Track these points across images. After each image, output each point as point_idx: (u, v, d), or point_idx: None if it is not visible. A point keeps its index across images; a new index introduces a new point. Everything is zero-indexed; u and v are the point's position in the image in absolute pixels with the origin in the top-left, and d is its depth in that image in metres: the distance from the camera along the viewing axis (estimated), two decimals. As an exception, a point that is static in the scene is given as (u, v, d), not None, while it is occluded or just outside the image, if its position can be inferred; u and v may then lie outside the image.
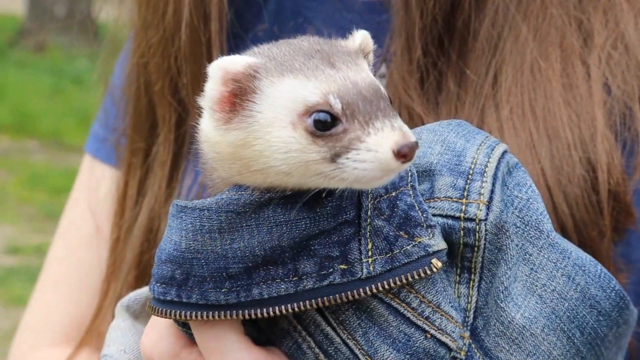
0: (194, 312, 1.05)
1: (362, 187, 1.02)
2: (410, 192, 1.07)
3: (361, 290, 1.03)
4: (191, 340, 1.11)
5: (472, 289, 1.10)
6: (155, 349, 1.12)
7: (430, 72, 1.32)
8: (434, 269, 1.04)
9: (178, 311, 1.06)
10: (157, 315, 1.08)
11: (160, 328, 1.12)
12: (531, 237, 1.11)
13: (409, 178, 1.08)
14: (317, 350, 1.07)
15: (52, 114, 8.35)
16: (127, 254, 1.47)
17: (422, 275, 1.04)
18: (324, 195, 1.03)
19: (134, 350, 1.20)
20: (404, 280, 1.04)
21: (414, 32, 1.30)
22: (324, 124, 1.00)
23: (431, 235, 1.06)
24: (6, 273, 5.62)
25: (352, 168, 0.99)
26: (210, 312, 1.05)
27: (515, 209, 1.11)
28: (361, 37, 1.06)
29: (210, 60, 1.41)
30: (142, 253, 1.45)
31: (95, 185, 1.57)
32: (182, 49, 1.40)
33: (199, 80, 1.41)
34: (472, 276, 1.10)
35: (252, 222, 1.03)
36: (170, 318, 1.07)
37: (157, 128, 1.47)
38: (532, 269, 1.11)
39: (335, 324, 1.06)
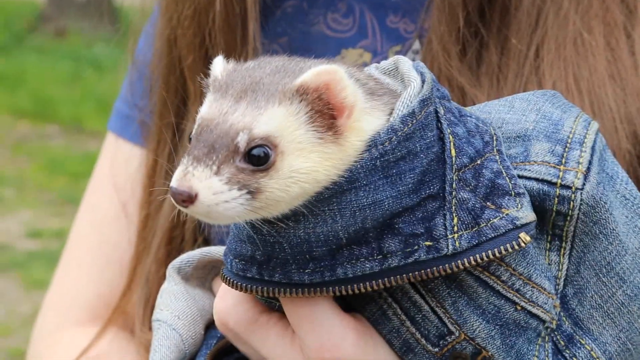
0: (277, 289, 1.03)
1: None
2: (497, 158, 1.05)
3: (447, 266, 1.01)
4: (269, 306, 1.09)
5: (563, 256, 1.07)
6: (232, 315, 1.10)
7: (471, 43, 1.29)
8: (522, 244, 1.01)
9: (260, 287, 1.04)
10: (236, 289, 1.06)
11: (236, 293, 1.09)
12: (632, 207, 1.08)
13: (495, 142, 1.05)
14: (403, 317, 1.05)
15: (72, 100, 8.36)
16: (156, 231, 1.45)
17: (510, 250, 1.01)
18: (403, 169, 1.00)
19: (187, 316, 1.18)
20: (491, 256, 1.01)
21: (456, 1, 1.27)
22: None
23: (519, 205, 1.03)
24: (27, 257, 5.64)
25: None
26: (294, 290, 1.03)
27: (622, 181, 1.09)
28: (306, 77, 1.01)
29: (245, 32, 1.39)
30: (172, 229, 1.44)
31: (120, 163, 1.55)
32: (216, 20, 1.38)
33: (232, 53, 1.39)
34: (564, 244, 1.07)
35: (335, 207, 1.00)
36: (251, 293, 1.05)
37: (188, 103, 1.45)
38: None
39: (423, 292, 1.04)
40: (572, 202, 1.05)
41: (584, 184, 1.05)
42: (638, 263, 1.08)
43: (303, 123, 1.00)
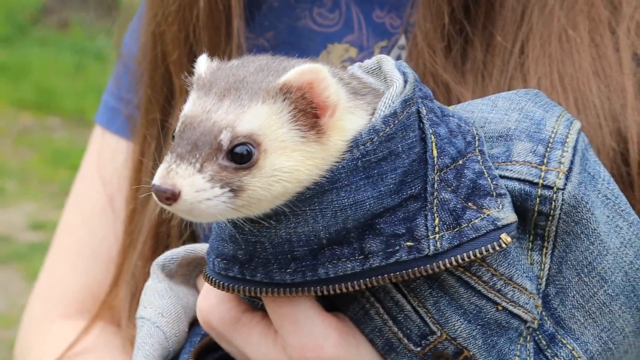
0: (259, 289, 1.03)
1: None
2: (479, 158, 1.05)
3: (428, 266, 1.01)
4: (252, 305, 1.09)
5: (545, 256, 1.07)
6: (215, 314, 1.10)
7: (456, 40, 1.29)
8: (503, 245, 1.01)
9: (242, 287, 1.04)
10: (219, 289, 1.06)
11: (219, 292, 1.09)
12: (622, 210, 1.09)
13: (477, 142, 1.06)
14: (385, 316, 1.05)
15: (75, 92, 8.35)
16: (143, 226, 1.45)
17: (491, 250, 1.01)
18: (384, 169, 1.00)
19: (171, 314, 1.19)
20: (472, 257, 1.01)
21: None
22: None
23: (501, 206, 1.03)
24: (29, 249, 5.64)
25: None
26: (276, 290, 1.03)
27: (604, 181, 1.09)
28: (290, 75, 1.01)
29: (229, 28, 1.39)
30: (159, 224, 1.43)
31: (107, 156, 1.55)
32: (200, 17, 1.38)
33: (217, 51, 1.39)
34: (545, 243, 1.07)
35: (316, 207, 1.00)
36: (233, 292, 1.05)
37: (173, 99, 1.45)
38: (622, 242, 1.08)
39: (405, 292, 1.04)
40: (553, 202, 1.05)
41: (565, 184, 1.05)
42: (619, 262, 1.08)
43: (286, 122, 1.00)
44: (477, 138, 1.06)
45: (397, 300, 1.04)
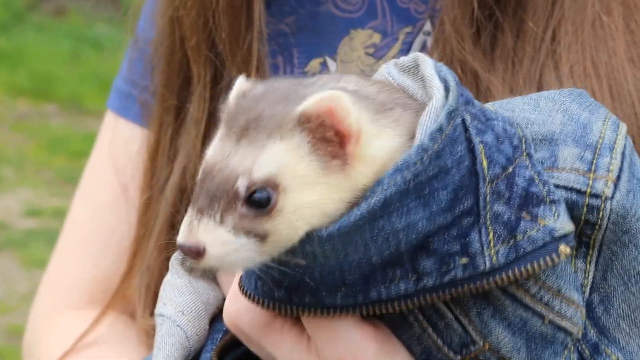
0: (306, 310, 1.00)
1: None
2: (527, 163, 1.00)
3: (485, 282, 0.97)
4: None
5: (590, 264, 1.03)
6: (244, 318, 1.06)
7: (486, 26, 1.25)
8: (562, 257, 0.97)
9: (288, 308, 1.01)
10: (262, 307, 1.02)
11: None
12: None
13: (523, 145, 1.01)
14: (425, 324, 1.01)
15: (72, 79, 8.33)
16: (158, 216, 1.42)
17: (550, 263, 0.97)
18: (435, 188, 0.96)
19: (192, 311, 1.15)
20: (530, 271, 0.97)
21: None
22: None
23: (556, 215, 0.98)
24: (26, 236, 5.63)
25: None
26: (325, 311, 0.99)
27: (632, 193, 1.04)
28: (308, 105, 0.96)
29: (249, 14, 1.36)
30: (175, 214, 1.40)
31: (120, 143, 1.51)
32: (220, 2, 1.34)
33: (237, 37, 1.36)
34: (590, 251, 1.03)
35: (367, 235, 0.96)
36: (275, 312, 1.02)
37: (191, 85, 1.41)
38: None
39: (448, 300, 1.00)
40: (601, 212, 1.01)
41: (614, 193, 1.01)
42: None
43: (306, 155, 0.96)
44: (523, 140, 1.01)
45: (439, 309, 1.00)
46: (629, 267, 1.04)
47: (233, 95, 1.01)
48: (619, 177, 1.02)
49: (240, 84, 1.02)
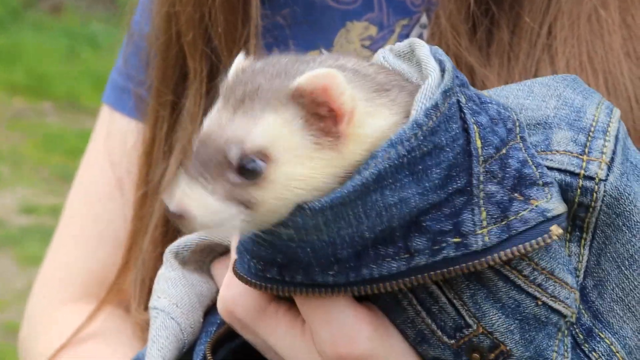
0: (298, 290, 1.00)
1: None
2: (521, 145, 1.01)
3: (476, 262, 0.97)
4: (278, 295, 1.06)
5: (584, 248, 1.04)
6: (239, 304, 1.06)
7: (482, 22, 1.25)
8: (554, 237, 0.98)
9: (281, 287, 1.01)
10: (254, 288, 1.03)
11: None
12: None
13: (517, 129, 1.02)
14: (419, 307, 1.01)
15: (68, 76, 8.32)
16: (154, 211, 1.42)
17: (542, 244, 0.97)
18: (429, 165, 0.97)
19: (185, 304, 1.15)
20: (522, 251, 0.97)
21: None
22: None
23: (549, 196, 0.99)
24: (21, 233, 5.63)
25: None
26: (317, 291, 0.99)
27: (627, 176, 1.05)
28: (302, 80, 0.97)
29: (246, 8, 1.36)
30: (170, 210, 1.40)
31: (116, 137, 1.51)
32: None
33: (234, 32, 1.36)
34: (584, 235, 1.03)
35: (360, 209, 0.96)
36: (269, 293, 1.02)
37: (187, 80, 1.41)
38: None
39: (441, 283, 1.00)
40: (595, 194, 1.02)
41: (607, 175, 1.02)
42: None
43: (299, 129, 0.97)
44: (517, 124, 1.02)
45: (432, 292, 1.00)
46: (622, 250, 1.04)
47: (232, 70, 1.02)
48: (612, 160, 1.03)
49: (240, 60, 1.03)
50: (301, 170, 0.96)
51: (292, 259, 0.99)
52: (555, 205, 0.99)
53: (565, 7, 1.24)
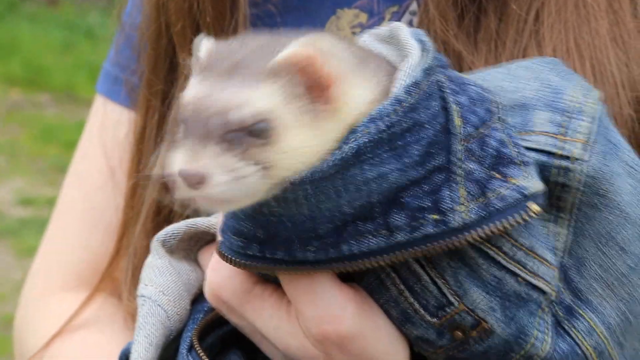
0: (278, 267, 1.00)
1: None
2: (499, 126, 1.01)
3: (455, 240, 0.97)
4: (264, 277, 1.07)
5: (563, 227, 1.04)
6: (226, 287, 1.07)
7: (469, 9, 1.25)
8: (532, 214, 0.98)
9: (261, 264, 1.01)
10: (236, 266, 1.03)
11: (230, 265, 1.05)
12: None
13: (496, 110, 1.02)
14: (401, 286, 1.01)
15: (64, 68, 8.32)
16: (145, 200, 1.43)
17: (520, 221, 0.98)
18: (408, 141, 0.97)
19: (173, 292, 1.15)
20: (501, 228, 0.98)
21: None
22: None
23: (526, 175, 0.99)
24: (19, 224, 5.63)
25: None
26: (297, 268, 1.00)
27: (626, 150, 1.06)
28: (290, 49, 0.97)
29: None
30: (161, 199, 1.41)
31: (109, 126, 1.51)
32: None
33: (222, 21, 1.36)
34: (564, 214, 1.04)
35: (339, 183, 0.96)
36: (250, 271, 1.03)
37: (177, 70, 1.41)
38: None
39: (424, 262, 1.00)
40: (572, 173, 1.03)
41: (585, 155, 1.03)
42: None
43: (292, 99, 0.96)
44: (496, 105, 1.03)
45: (415, 271, 1.01)
46: (600, 229, 1.05)
47: (203, 50, 1.01)
48: (589, 139, 1.04)
49: (205, 42, 1.02)
50: (302, 139, 0.96)
51: (273, 235, 0.99)
52: (534, 183, 1.00)
53: None
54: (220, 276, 1.07)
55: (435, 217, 0.98)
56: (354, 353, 1.03)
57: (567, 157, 1.03)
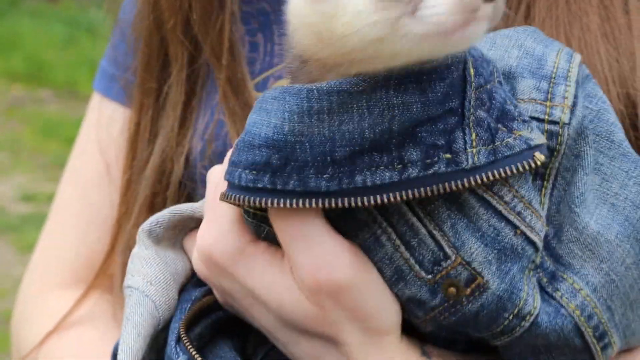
0: (291, 200, 0.99)
1: (449, 49, 0.97)
2: (499, 88, 1.03)
3: (465, 180, 0.98)
4: (255, 235, 1.06)
5: (544, 196, 1.05)
6: (218, 246, 1.06)
7: None
8: (538, 162, 1.00)
9: (273, 199, 0.99)
10: (241, 206, 1.02)
11: (221, 223, 1.06)
12: (602, 147, 1.08)
13: (496, 74, 1.04)
14: (397, 242, 1.01)
15: (66, 64, 8.32)
16: (138, 195, 1.43)
17: (527, 167, 1.00)
18: (434, 78, 0.98)
19: (160, 282, 1.15)
20: (508, 172, 0.99)
21: None
22: None
23: (529, 129, 1.02)
24: (20, 220, 5.63)
25: (429, 15, 0.92)
26: (308, 200, 0.99)
27: (608, 113, 1.09)
28: None
29: None
30: (154, 195, 1.41)
31: (105, 123, 1.52)
32: None
33: (209, 18, 1.37)
34: (545, 183, 1.06)
35: (364, 103, 0.98)
36: (261, 207, 1.01)
37: (169, 67, 1.42)
38: (603, 178, 1.08)
39: (422, 214, 1.01)
40: (559, 137, 1.05)
41: (570, 119, 1.05)
42: (602, 194, 1.08)
43: None
44: (494, 69, 1.04)
45: (412, 224, 1.01)
46: (573, 189, 1.06)
47: None
48: (574, 104, 1.06)
49: None
50: None
51: (288, 159, 0.99)
52: (537, 136, 1.02)
53: None
54: (211, 236, 1.07)
55: (447, 156, 0.99)
56: (348, 306, 1.03)
57: (555, 122, 1.05)
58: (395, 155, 0.98)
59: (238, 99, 1.37)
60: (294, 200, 0.99)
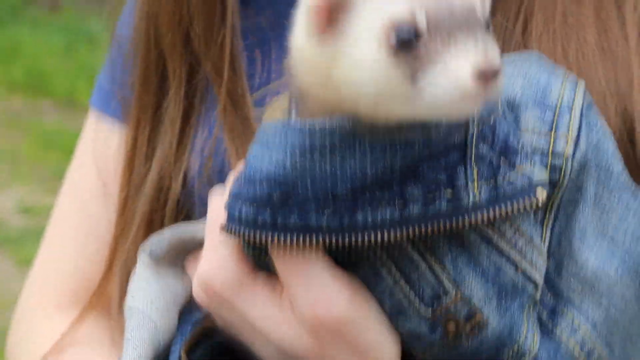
0: (292, 237, 0.99)
1: (444, 117, 0.96)
2: (503, 120, 1.02)
3: (467, 218, 0.98)
4: (254, 266, 1.06)
5: (546, 228, 1.05)
6: (218, 276, 1.05)
7: None
8: (540, 199, 0.99)
9: (274, 234, 0.99)
10: (244, 239, 1.02)
11: (222, 253, 1.05)
12: (601, 179, 1.07)
13: (499, 104, 1.03)
14: (398, 275, 1.00)
15: (66, 74, 8.32)
16: (136, 213, 1.42)
17: (528, 205, 0.99)
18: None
19: (161, 301, 1.15)
20: (510, 210, 0.98)
21: None
22: (407, 41, 0.92)
23: (532, 164, 1.01)
24: (19, 233, 5.62)
25: (430, 87, 0.91)
26: (309, 236, 0.98)
27: (608, 149, 1.08)
28: None
29: (224, 10, 1.36)
30: (152, 212, 1.40)
31: (102, 140, 1.51)
32: None
33: (211, 32, 1.36)
34: (547, 215, 1.05)
35: (366, 141, 0.97)
36: (260, 243, 1.00)
37: (167, 82, 1.41)
38: (602, 211, 1.07)
39: (422, 249, 1.00)
40: (563, 170, 1.04)
41: (574, 151, 1.04)
42: (602, 227, 1.08)
43: None
44: (498, 100, 1.04)
45: (412, 258, 1.00)
46: (576, 225, 1.06)
47: None
48: (578, 136, 1.05)
49: None
50: None
51: (290, 194, 0.98)
52: (539, 172, 1.01)
53: (539, 2, 1.25)
54: (212, 266, 1.06)
55: (449, 193, 0.98)
56: (347, 340, 1.02)
57: (559, 155, 1.04)
58: (397, 191, 0.98)
59: (237, 114, 1.37)
60: (294, 237, 0.99)
